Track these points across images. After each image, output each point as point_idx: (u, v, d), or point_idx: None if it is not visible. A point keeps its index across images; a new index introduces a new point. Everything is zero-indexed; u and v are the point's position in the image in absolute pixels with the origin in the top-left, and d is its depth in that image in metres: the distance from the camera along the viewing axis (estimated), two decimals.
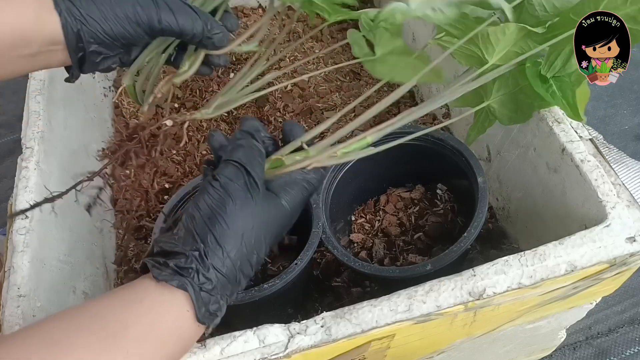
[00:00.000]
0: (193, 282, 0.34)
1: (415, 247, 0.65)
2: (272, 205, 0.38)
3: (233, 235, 0.35)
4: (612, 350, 0.75)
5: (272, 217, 0.37)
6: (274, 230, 0.38)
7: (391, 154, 0.66)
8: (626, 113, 1.00)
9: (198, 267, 0.34)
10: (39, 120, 0.60)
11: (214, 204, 0.36)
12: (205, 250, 0.34)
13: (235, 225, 0.35)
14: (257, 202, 0.37)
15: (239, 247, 0.35)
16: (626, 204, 0.46)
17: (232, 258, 0.35)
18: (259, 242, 0.36)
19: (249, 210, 0.36)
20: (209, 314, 0.35)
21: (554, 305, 0.50)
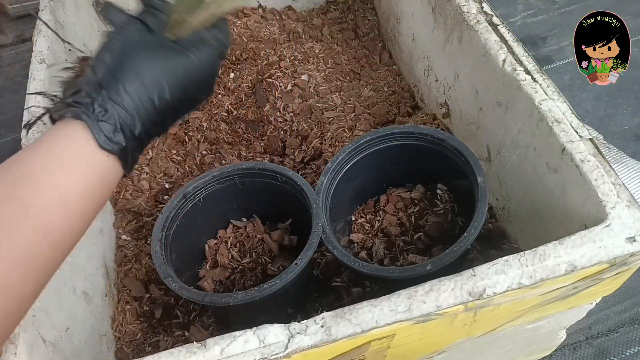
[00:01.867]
0: (88, 111, 0.35)
1: (415, 247, 0.65)
2: (175, 53, 0.39)
3: (129, 69, 0.36)
4: (612, 350, 0.75)
5: (174, 63, 0.38)
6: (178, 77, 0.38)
7: (391, 154, 0.66)
8: (626, 113, 1.00)
9: (93, 97, 0.35)
10: (39, 120, 0.60)
11: (110, 45, 0.38)
12: (101, 82, 0.36)
13: (131, 62, 0.36)
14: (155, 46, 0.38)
15: (135, 80, 0.36)
16: (626, 204, 0.46)
17: (129, 91, 0.36)
18: (158, 82, 0.37)
19: (145, 52, 0.37)
20: (111, 142, 0.35)
21: (554, 305, 0.50)
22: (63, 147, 0.34)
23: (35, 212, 0.32)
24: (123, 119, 0.36)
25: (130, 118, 0.36)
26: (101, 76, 0.36)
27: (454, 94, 0.76)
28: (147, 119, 0.37)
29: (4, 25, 1.37)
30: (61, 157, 0.34)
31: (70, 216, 0.34)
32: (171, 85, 0.38)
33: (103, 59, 0.37)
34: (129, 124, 0.36)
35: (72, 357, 0.52)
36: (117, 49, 0.37)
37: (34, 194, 0.32)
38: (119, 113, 0.35)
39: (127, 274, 0.72)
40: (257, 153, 0.83)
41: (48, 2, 0.77)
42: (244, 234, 0.69)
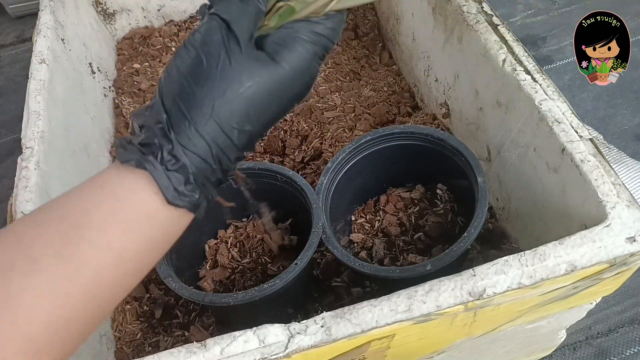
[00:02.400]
0: (155, 160, 0.29)
1: (415, 247, 0.65)
2: (261, 68, 0.30)
3: (201, 104, 0.29)
4: (612, 350, 0.75)
5: (259, 83, 0.30)
6: (263, 100, 0.30)
7: (391, 154, 0.66)
8: (626, 113, 1.00)
9: (162, 142, 0.29)
10: (39, 120, 0.60)
11: (182, 68, 0.30)
12: (170, 122, 0.29)
13: (203, 92, 0.29)
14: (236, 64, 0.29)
15: (210, 119, 0.29)
16: (626, 204, 0.46)
17: (202, 133, 0.29)
18: (239, 114, 0.29)
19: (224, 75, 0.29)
20: (181, 195, 0.29)
21: (554, 305, 0.50)
22: (125, 200, 0.29)
23: (87, 275, 0.28)
24: (197, 167, 0.30)
25: (204, 165, 0.30)
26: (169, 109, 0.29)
27: (454, 94, 0.76)
28: (226, 161, 0.31)
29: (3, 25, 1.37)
30: (122, 212, 0.29)
31: (123, 278, 0.30)
32: (255, 114, 0.30)
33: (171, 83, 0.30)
34: (203, 171, 0.30)
35: (72, 357, 0.52)
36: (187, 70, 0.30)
37: (88, 254, 0.28)
38: (191, 161, 0.29)
39: None
40: (257, 153, 0.83)
41: (48, 2, 0.78)
42: (244, 234, 0.69)
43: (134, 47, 1.02)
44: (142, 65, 0.98)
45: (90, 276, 0.28)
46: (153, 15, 1.05)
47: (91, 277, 0.28)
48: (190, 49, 0.30)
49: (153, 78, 0.95)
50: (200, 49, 0.30)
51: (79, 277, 0.28)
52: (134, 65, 0.98)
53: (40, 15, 0.75)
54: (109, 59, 0.97)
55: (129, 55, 1.01)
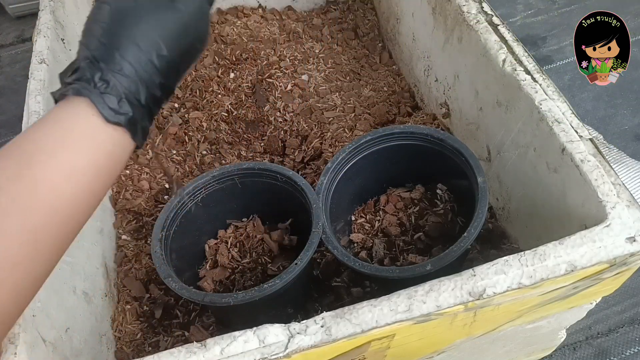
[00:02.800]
0: (89, 86, 0.34)
1: (415, 247, 0.65)
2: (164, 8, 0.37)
3: (121, 36, 0.35)
4: (612, 350, 0.75)
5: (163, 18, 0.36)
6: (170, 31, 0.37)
7: (391, 154, 0.66)
8: (626, 113, 1.00)
9: (92, 71, 0.34)
10: None
11: (98, 16, 0.36)
12: (95, 55, 0.34)
13: (121, 28, 0.35)
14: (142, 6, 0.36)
15: (130, 45, 0.35)
16: (626, 204, 0.46)
17: (126, 58, 0.34)
18: (153, 40, 0.36)
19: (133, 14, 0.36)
20: (117, 114, 0.34)
21: (554, 305, 0.50)
22: (67, 124, 0.34)
23: (44, 190, 0.32)
24: (126, 88, 0.34)
25: (133, 85, 0.35)
26: (95, 49, 0.35)
27: (454, 94, 0.76)
28: (150, 82, 0.36)
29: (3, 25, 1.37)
30: (66, 135, 0.33)
31: (78, 193, 0.34)
32: (166, 42, 0.36)
33: (93, 32, 0.36)
34: (133, 91, 0.35)
35: (72, 357, 0.52)
36: (105, 19, 0.36)
37: (41, 172, 0.32)
38: (121, 82, 0.34)
39: (127, 274, 0.72)
40: (257, 153, 0.83)
41: (48, 2, 0.78)
42: (244, 234, 0.69)
43: None
44: None
45: (47, 191, 0.32)
46: None
47: (48, 192, 0.32)
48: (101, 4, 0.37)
49: None
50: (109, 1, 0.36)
51: (36, 192, 0.32)
52: None
53: (40, 15, 0.75)
54: None
55: None
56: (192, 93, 0.92)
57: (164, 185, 0.80)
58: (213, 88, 0.91)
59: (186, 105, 0.90)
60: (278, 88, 0.89)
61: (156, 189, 0.79)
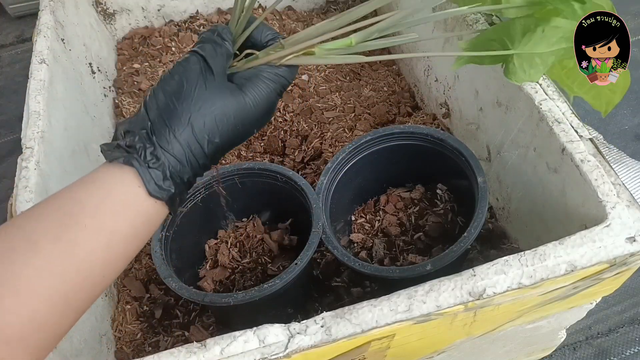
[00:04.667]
0: (139, 158, 0.35)
1: (415, 247, 0.65)
2: (230, 95, 0.38)
3: (180, 116, 0.36)
4: (612, 350, 0.75)
5: (227, 106, 0.38)
6: (230, 120, 0.38)
7: (391, 154, 0.66)
8: (626, 113, 1.00)
9: (145, 144, 0.35)
10: (39, 120, 0.60)
11: (166, 87, 0.37)
12: (153, 128, 0.36)
13: (183, 107, 0.36)
14: (210, 89, 0.37)
15: (186, 127, 0.36)
16: (626, 204, 0.46)
17: (179, 139, 0.36)
18: (210, 127, 0.37)
19: (200, 95, 0.37)
20: (160, 189, 0.36)
21: (554, 305, 0.50)
22: (113, 191, 0.35)
23: (81, 255, 0.33)
24: (173, 167, 0.36)
25: (179, 165, 0.36)
26: (153, 119, 0.36)
27: (454, 94, 0.76)
28: (196, 164, 0.37)
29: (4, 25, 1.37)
30: (109, 199, 0.34)
31: (113, 259, 0.35)
32: (222, 130, 0.38)
33: (157, 99, 0.37)
34: (178, 171, 0.36)
35: (72, 357, 0.52)
36: (173, 91, 0.37)
37: (82, 236, 0.33)
38: (169, 161, 0.36)
39: (127, 274, 0.72)
40: (257, 153, 0.83)
41: (48, 2, 0.78)
42: (244, 234, 0.69)
43: (134, 47, 1.02)
44: (142, 65, 0.98)
45: (84, 256, 0.33)
46: (153, 15, 1.05)
47: (84, 256, 0.33)
48: (174, 75, 0.38)
49: (153, 78, 0.95)
50: (183, 74, 0.38)
51: (73, 256, 0.32)
52: (134, 65, 0.98)
53: (40, 15, 0.75)
54: (109, 59, 0.97)
55: (129, 55, 1.01)
56: None
57: None
58: None
59: None
60: None
61: None
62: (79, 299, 0.33)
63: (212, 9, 1.07)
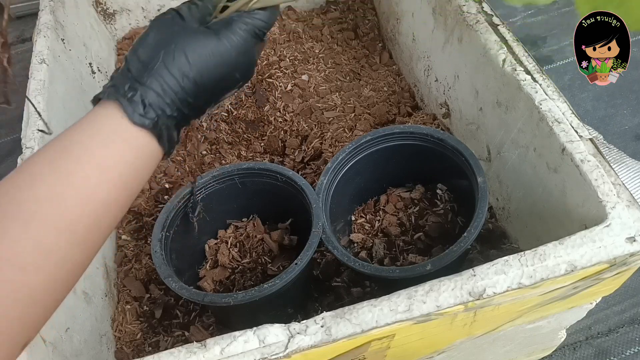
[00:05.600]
0: (119, 93, 0.38)
1: (415, 247, 0.65)
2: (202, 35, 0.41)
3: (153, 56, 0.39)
4: (612, 350, 0.75)
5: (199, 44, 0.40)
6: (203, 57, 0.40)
7: (391, 154, 0.66)
8: (626, 113, 1.00)
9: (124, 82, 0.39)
10: (39, 120, 0.60)
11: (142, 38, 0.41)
12: (129, 68, 0.39)
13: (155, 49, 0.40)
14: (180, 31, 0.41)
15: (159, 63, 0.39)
16: (626, 204, 0.46)
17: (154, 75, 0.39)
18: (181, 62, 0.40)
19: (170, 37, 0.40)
20: (142, 117, 0.38)
21: (554, 305, 0.50)
22: (100, 124, 0.38)
23: (77, 182, 0.35)
24: (152, 98, 0.39)
25: (157, 97, 0.39)
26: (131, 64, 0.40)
27: (454, 94, 0.76)
28: (175, 97, 0.40)
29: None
30: (98, 133, 0.37)
31: (110, 187, 0.36)
32: (197, 67, 0.40)
33: (134, 50, 0.41)
34: (157, 101, 0.39)
35: (72, 357, 0.52)
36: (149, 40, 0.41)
37: (74, 166, 0.35)
38: (146, 93, 0.38)
39: (127, 274, 0.72)
40: (257, 153, 0.83)
41: (48, 2, 0.78)
42: (244, 234, 0.69)
43: None
44: None
45: (80, 183, 0.35)
46: (153, 15, 1.05)
47: (81, 182, 0.35)
48: (149, 28, 0.41)
49: None
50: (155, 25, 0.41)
51: (70, 185, 0.35)
52: None
53: (40, 15, 0.75)
54: (109, 59, 0.97)
55: None
56: None
57: (164, 185, 0.80)
58: None
59: None
60: (278, 88, 0.89)
61: (156, 189, 0.79)
62: (85, 226, 0.35)
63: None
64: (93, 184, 0.36)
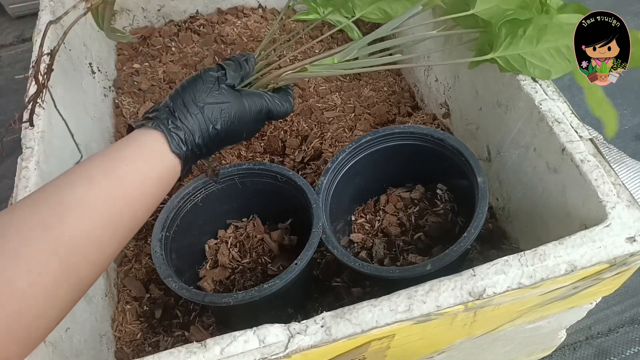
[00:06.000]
0: (164, 124, 0.47)
1: (415, 247, 0.65)
2: (233, 99, 0.51)
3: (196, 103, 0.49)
4: (612, 350, 0.75)
5: (230, 105, 0.51)
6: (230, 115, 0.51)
7: (391, 154, 0.66)
8: (626, 113, 1.00)
9: (168, 117, 0.48)
10: (39, 120, 0.60)
11: (188, 82, 0.50)
12: (174, 108, 0.48)
13: (197, 98, 0.49)
14: (221, 90, 0.51)
15: (198, 111, 0.49)
16: (626, 204, 0.46)
17: (193, 117, 0.48)
18: (215, 115, 0.50)
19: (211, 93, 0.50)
20: (178, 147, 0.47)
21: (554, 305, 0.50)
22: (145, 145, 0.46)
23: (125, 187, 0.42)
24: (187, 135, 0.48)
25: (191, 136, 0.48)
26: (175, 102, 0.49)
27: (454, 94, 0.76)
28: (201, 141, 0.49)
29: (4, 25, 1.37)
30: (144, 151, 0.45)
31: (146, 196, 0.44)
32: (223, 121, 0.50)
33: (179, 93, 0.49)
34: (190, 140, 0.48)
35: (72, 357, 0.52)
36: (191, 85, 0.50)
37: (124, 173, 0.42)
38: (185, 130, 0.48)
39: (127, 274, 0.72)
40: (257, 153, 0.83)
41: (48, 2, 0.77)
42: (244, 234, 0.69)
43: (134, 47, 1.02)
44: (142, 65, 0.98)
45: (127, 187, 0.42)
46: (153, 15, 1.05)
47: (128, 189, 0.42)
48: (197, 76, 0.51)
49: (153, 78, 0.95)
50: (203, 76, 0.51)
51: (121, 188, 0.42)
52: (134, 65, 0.98)
53: (40, 15, 0.75)
54: (109, 59, 0.97)
55: (129, 55, 1.01)
56: None
57: None
58: None
59: None
60: None
61: None
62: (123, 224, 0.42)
63: (212, 9, 1.07)
64: (136, 192, 0.43)
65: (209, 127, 0.49)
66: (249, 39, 0.99)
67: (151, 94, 0.92)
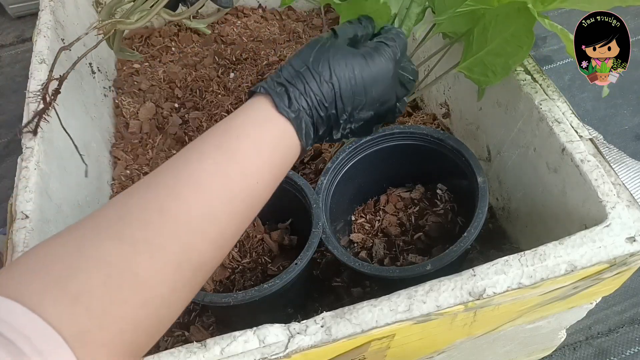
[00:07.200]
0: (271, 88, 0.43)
1: (415, 247, 0.65)
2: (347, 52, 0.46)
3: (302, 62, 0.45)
4: (612, 350, 0.75)
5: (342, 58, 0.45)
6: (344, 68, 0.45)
7: (391, 154, 0.66)
8: (626, 113, 1.01)
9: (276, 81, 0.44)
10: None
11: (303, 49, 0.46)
12: (281, 70, 0.45)
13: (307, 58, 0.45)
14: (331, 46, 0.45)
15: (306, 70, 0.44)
16: (626, 204, 0.46)
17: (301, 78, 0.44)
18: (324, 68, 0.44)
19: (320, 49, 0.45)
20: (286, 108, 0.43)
21: (554, 305, 0.50)
22: (254, 111, 0.43)
23: (239, 159, 0.39)
24: (295, 94, 0.43)
25: (299, 94, 0.43)
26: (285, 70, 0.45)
27: (454, 94, 0.76)
28: (314, 98, 0.44)
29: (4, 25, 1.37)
30: (254, 118, 0.42)
31: (263, 167, 0.41)
32: (336, 74, 0.44)
33: (290, 60, 0.46)
34: (299, 98, 0.43)
35: None
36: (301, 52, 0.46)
37: (237, 145, 0.40)
38: (293, 92, 0.43)
39: None
40: None
41: (48, 2, 0.77)
42: (244, 234, 0.69)
43: (134, 47, 1.02)
44: (142, 65, 0.98)
45: (242, 161, 0.39)
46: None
47: (243, 161, 0.39)
48: (307, 44, 0.47)
49: (153, 78, 0.95)
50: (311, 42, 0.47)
51: (235, 161, 0.39)
52: (134, 65, 0.98)
53: (40, 15, 0.75)
54: (109, 59, 0.97)
55: None
56: (192, 93, 0.92)
57: None
58: (213, 88, 0.91)
59: (186, 105, 0.90)
60: None
61: None
62: (242, 200, 0.39)
63: (212, 9, 1.07)
64: (251, 162, 0.40)
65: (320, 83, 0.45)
66: (249, 39, 0.99)
67: (151, 94, 0.92)
